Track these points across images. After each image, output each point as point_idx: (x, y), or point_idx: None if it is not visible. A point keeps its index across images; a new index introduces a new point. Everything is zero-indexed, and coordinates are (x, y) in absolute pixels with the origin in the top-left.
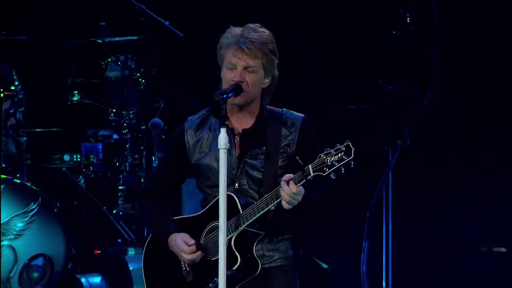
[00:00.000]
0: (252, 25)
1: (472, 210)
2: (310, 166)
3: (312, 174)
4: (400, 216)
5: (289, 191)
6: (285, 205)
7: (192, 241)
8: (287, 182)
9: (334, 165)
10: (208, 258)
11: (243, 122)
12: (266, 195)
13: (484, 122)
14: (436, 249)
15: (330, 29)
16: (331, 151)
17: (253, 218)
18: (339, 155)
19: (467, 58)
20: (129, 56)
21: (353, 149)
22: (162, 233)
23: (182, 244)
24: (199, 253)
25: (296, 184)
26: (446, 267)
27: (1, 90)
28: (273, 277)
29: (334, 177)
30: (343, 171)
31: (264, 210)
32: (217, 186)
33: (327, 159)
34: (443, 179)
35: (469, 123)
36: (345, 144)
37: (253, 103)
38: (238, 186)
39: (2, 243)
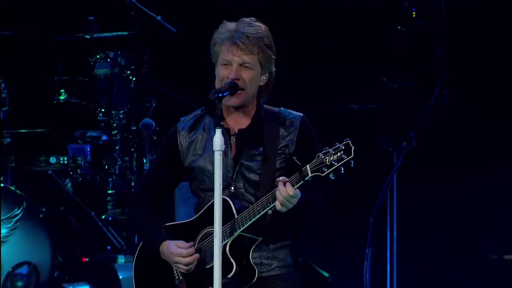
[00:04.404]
0: (247, 19)
1: (481, 216)
2: (308, 166)
3: (310, 175)
4: (405, 222)
5: (285, 192)
6: (278, 206)
7: (189, 244)
8: (284, 183)
9: (333, 165)
10: (202, 266)
11: (239, 122)
12: (262, 198)
13: (494, 122)
14: (443, 256)
15: (333, 26)
16: (330, 150)
17: (249, 223)
18: (338, 154)
19: (475, 55)
20: (119, 52)
21: (353, 147)
22: (153, 241)
23: (177, 249)
24: (197, 255)
25: (293, 186)
26: (454, 275)
27: None
28: (272, 287)
29: (333, 178)
30: (342, 171)
31: (261, 214)
32: (212, 190)
33: (326, 159)
34: (450, 183)
35: (478, 124)
36: (344, 142)
37: (250, 102)
38: (233, 189)
39: None
